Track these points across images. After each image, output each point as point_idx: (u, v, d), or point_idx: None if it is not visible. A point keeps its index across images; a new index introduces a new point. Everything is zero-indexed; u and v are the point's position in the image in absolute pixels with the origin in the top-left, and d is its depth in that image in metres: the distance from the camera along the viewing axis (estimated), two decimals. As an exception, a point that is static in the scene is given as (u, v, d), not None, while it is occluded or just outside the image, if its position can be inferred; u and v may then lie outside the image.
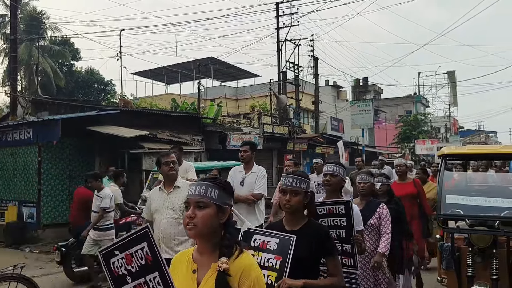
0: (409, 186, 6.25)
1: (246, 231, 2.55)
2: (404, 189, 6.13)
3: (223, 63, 28.43)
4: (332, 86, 40.03)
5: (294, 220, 2.78)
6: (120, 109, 12.91)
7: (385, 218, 4.18)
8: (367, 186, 4.24)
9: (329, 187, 3.62)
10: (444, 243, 4.95)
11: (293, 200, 2.71)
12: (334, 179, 3.58)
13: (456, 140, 49.62)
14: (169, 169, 4.28)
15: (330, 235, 2.81)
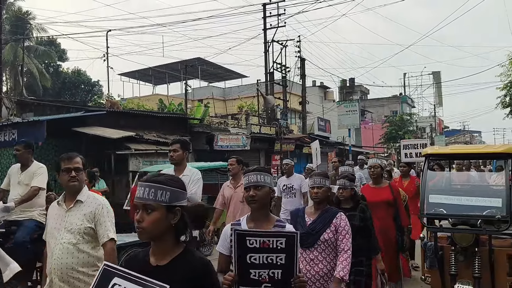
0: (384, 191, 5.43)
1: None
2: (379, 194, 5.37)
3: (210, 64, 28.42)
4: (319, 87, 40.23)
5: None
6: (106, 110, 12.85)
7: (343, 231, 3.38)
8: (321, 191, 3.50)
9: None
10: (428, 242, 5.03)
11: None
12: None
13: (441, 140, 50.22)
14: (69, 179, 3.16)
15: None
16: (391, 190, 5.43)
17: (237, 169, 5.88)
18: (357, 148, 32.14)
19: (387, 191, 5.43)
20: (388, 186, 5.53)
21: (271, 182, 2.72)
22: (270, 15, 24.33)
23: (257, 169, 2.76)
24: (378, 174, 5.55)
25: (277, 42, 24.76)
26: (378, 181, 5.58)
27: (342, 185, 4.34)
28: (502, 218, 4.61)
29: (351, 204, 4.37)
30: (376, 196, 5.28)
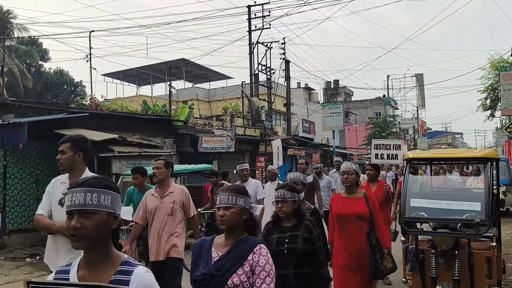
0: (358, 202, 4.43)
1: None
2: (351, 206, 4.41)
3: (195, 65, 28.34)
4: (304, 89, 40.44)
5: None
6: (89, 112, 12.71)
7: (262, 272, 2.32)
8: (229, 214, 2.41)
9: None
10: (409, 245, 5.09)
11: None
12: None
13: (424, 141, 50.87)
14: None
15: None
16: (366, 201, 4.39)
17: (165, 173, 4.87)
18: (341, 150, 32.36)
19: (361, 202, 4.41)
20: (364, 196, 4.46)
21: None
22: (255, 17, 24.38)
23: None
24: (352, 181, 4.50)
25: (262, 44, 24.81)
26: (351, 190, 4.53)
27: (280, 198, 3.42)
28: (481, 221, 4.70)
29: (293, 221, 3.48)
30: (348, 208, 4.38)
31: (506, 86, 15.76)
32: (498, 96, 20.80)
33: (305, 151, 25.95)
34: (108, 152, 11.50)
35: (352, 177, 4.49)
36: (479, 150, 6.27)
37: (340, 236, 4.48)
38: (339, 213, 4.45)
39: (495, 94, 24.21)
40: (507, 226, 11.29)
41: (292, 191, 3.46)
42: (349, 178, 4.48)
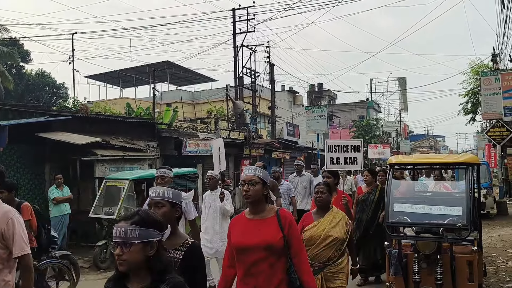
0: (267, 226, 3.02)
1: None
2: (256, 232, 3.00)
3: (179, 67, 28.23)
4: (288, 92, 40.58)
5: None
6: (71, 114, 12.55)
7: None
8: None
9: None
10: (392, 250, 5.14)
11: None
12: None
13: (406, 144, 51.49)
14: None
15: None
16: (279, 223, 2.97)
17: None
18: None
19: (272, 225, 2.99)
20: (275, 215, 3.01)
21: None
22: (240, 20, 24.38)
23: None
24: (256, 194, 3.00)
25: (246, 47, 24.82)
26: (257, 206, 3.04)
27: (120, 238, 1.98)
28: (463, 226, 4.77)
29: (145, 280, 2.04)
30: (251, 235, 2.98)
31: (486, 91, 16.03)
32: (479, 100, 21.16)
33: (290, 154, 26.02)
34: (91, 155, 11.37)
35: (255, 189, 2.98)
36: (460, 155, 6.36)
37: (243, 280, 3.00)
38: (238, 244, 2.97)
39: (475, 99, 24.65)
40: (488, 228, 11.49)
41: (142, 226, 2.00)
42: (251, 190, 2.97)
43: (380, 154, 28.44)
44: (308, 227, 4.18)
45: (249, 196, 3.00)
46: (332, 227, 4.11)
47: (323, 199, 4.26)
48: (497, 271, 7.47)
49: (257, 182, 3.00)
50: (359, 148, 5.99)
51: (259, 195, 3.01)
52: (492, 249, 9.12)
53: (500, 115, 15.02)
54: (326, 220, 4.16)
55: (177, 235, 2.69)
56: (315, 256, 4.05)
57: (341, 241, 4.10)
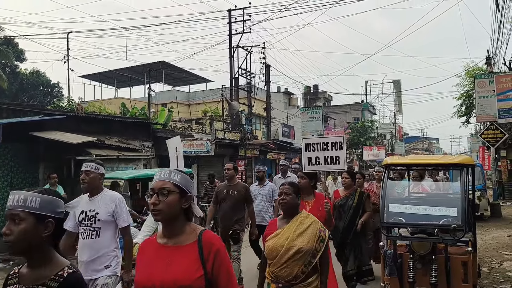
0: (181, 257, 2.12)
1: None
2: (165, 265, 2.11)
3: (175, 68, 28.18)
4: (284, 93, 40.60)
5: None
6: (66, 114, 12.50)
7: None
8: None
9: None
10: (387, 250, 5.14)
11: None
12: None
13: (401, 146, 51.67)
14: None
15: None
16: (199, 253, 2.10)
17: None
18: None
19: (189, 255, 2.11)
20: (197, 241, 2.13)
21: None
22: (236, 21, 24.41)
23: None
24: (166, 212, 2.13)
25: (242, 48, 24.84)
26: (171, 227, 2.16)
27: None
28: (458, 227, 4.78)
29: None
30: (159, 271, 2.13)
31: (480, 93, 16.12)
32: (473, 103, 21.27)
33: (285, 155, 26.05)
34: (85, 155, 11.32)
35: (168, 201, 2.10)
36: (455, 156, 6.39)
37: None
38: (139, 283, 2.15)
39: (470, 101, 24.77)
40: (481, 230, 11.54)
41: None
42: (162, 203, 2.09)
43: (375, 156, 28.56)
44: (270, 236, 3.45)
45: (158, 211, 2.05)
46: (297, 235, 3.35)
47: (288, 202, 3.47)
48: (491, 272, 7.50)
49: (170, 191, 2.09)
50: (341, 145, 5.06)
51: (173, 211, 2.08)
52: (486, 250, 9.16)
53: (494, 117, 15.09)
54: (291, 227, 3.40)
55: (49, 262, 1.90)
56: (278, 273, 3.35)
57: (310, 252, 3.32)
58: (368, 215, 6.03)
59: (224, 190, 6.64)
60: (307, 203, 4.74)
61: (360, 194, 6.10)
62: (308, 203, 4.75)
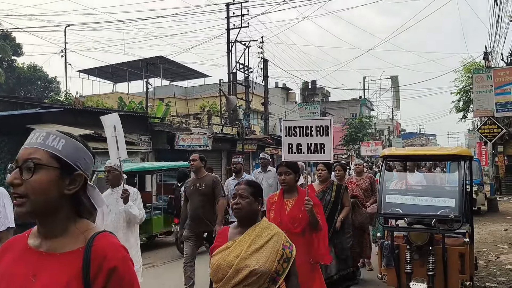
0: (48, 275, 1.30)
1: None
2: None
3: (172, 63, 28.12)
4: (282, 88, 40.58)
5: None
6: (63, 107, 12.46)
7: None
8: None
9: None
10: (385, 241, 5.14)
11: None
12: None
13: (398, 142, 51.72)
14: None
15: None
16: (84, 267, 1.30)
17: None
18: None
19: (70, 271, 1.29)
20: (83, 250, 1.32)
21: None
22: (234, 15, 24.33)
23: None
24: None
25: (240, 42, 24.78)
26: (49, 230, 1.37)
27: None
28: (455, 217, 4.77)
29: None
30: None
31: (478, 88, 16.14)
32: (471, 98, 21.31)
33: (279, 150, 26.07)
34: (82, 148, 11.28)
35: (35, 180, 1.30)
36: (453, 148, 6.37)
37: None
38: None
39: (467, 96, 24.82)
40: (479, 224, 11.56)
41: None
42: (27, 185, 1.30)
43: (373, 152, 28.60)
44: (217, 250, 2.53)
45: (22, 202, 1.29)
46: (251, 252, 2.44)
47: (242, 207, 2.55)
48: (488, 265, 7.52)
49: (40, 166, 1.31)
50: (328, 131, 4.03)
51: (44, 198, 1.31)
52: (483, 244, 9.18)
53: (492, 112, 15.12)
54: (244, 241, 2.49)
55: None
56: None
57: (268, 275, 2.42)
58: (347, 210, 5.46)
59: (191, 185, 5.91)
60: (288, 202, 3.87)
61: (338, 187, 5.44)
62: (289, 202, 3.88)
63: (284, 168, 4.00)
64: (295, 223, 3.76)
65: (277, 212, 3.85)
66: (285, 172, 3.97)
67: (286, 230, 3.18)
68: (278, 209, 3.87)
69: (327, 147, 4.05)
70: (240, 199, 2.55)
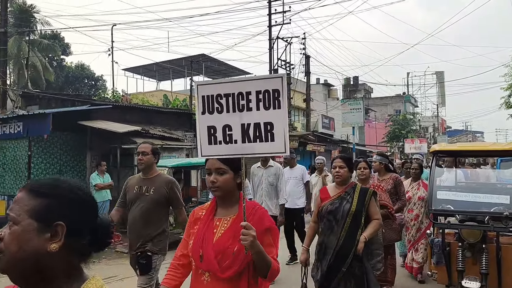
0: None
1: None
2: None
3: (214, 60, 28.45)
4: (323, 85, 40.25)
5: None
6: (112, 104, 12.87)
7: None
8: None
9: None
10: (435, 238, 5.03)
11: None
12: None
13: (444, 140, 50.24)
14: None
15: None
16: None
17: None
18: (360, 147, 32.15)
19: None
20: None
21: None
22: (276, 12, 24.30)
23: None
24: None
25: (281, 39, 24.73)
26: None
27: None
28: (510, 215, 4.62)
29: None
30: None
31: (531, 83, 15.43)
32: (523, 93, 20.40)
33: (325, 147, 25.87)
34: (130, 144, 11.62)
35: None
36: (506, 143, 6.16)
37: None
38: None
39: (519, 92, 23.75)
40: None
41: None
42: None
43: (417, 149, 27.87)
44: None
45: None
46: None
47: None
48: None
49: None
50: (279, 99, 2.20)
51: None
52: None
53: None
54: None
55: None
56: None
57: None
58: (375, 226, 3.93)
59: (135, 187, 4.32)
60: (220, 222, 2.30)
61: (362, 192, 3.96)
62: (222, 222, 2.29)
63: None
64: (223, 262, 2.13)
65: (199, 238, 2.23)
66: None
67: (209, 272, 2.15)
68: (202, 233, 2.24)
69: (279, 130, 2.20)
70: None
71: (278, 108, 2.20)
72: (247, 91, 2.25)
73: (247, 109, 2.24)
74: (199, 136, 2.35)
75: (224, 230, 2.24)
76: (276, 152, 2.29)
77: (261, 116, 2.23)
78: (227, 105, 2.29)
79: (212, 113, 2.32)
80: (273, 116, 2.21)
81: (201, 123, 2.36)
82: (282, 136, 2.21)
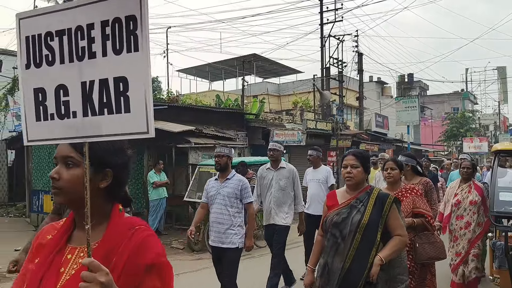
0: None
1: None
2: None
3: (266, 60, 28.59)
4: (376, 82, 39.43)
5: None
6: (167, 104, 13.26)
7: None
8: None
9: None
10: (497, 242, 4.85)
11: None
12: None
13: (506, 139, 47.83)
14: None
15: None
16: None
17: None
18: (416, 146, 31.22)
19: None
20: None
21: None
22: (327, 9, 24.10)
23: None
24: None
25: (333, 37, 24.49)
26: None
27: None
28: None
29: None
30: None
31: None
32: None
33: (378, 146, 25.35)
34: (185, 143, 11.93)
35: None
36: None
37: None
38: None
39: None
40: None
41: None
42: None
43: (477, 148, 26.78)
44: None
45: None
46: None
47: None
48: None
49: None
50: (137, 36, 1.25)
51: None
52: None
53: None
54: None
55: None
56: None
57: None
58: (396, 244, 3.03)
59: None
60: (72, 255, 1.42)
61: (380, 199, 3.09)
62: (74, 256, 1.41)
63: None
64: None
65: (34, 283, 1.35)
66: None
67: None
68: (41, 274, 1.37)
69: (136, 92, 1.30)
70: None
71: (134, 51, 1.28)
72: (89, 23, 1.32)
73: (89, 55, 1.33)
74: (23, 106, 1.44)
75: (76, 270, 1.35)
76: (133, 133, 1.31)
77: (109, 66, 1.31)
78: (60, 51, 1.37)
79: (39, 65, 1.41)
80: (126, 66, 1.29)
81: (24, 85, 1.44)
82: (143, 103, 1.29)
